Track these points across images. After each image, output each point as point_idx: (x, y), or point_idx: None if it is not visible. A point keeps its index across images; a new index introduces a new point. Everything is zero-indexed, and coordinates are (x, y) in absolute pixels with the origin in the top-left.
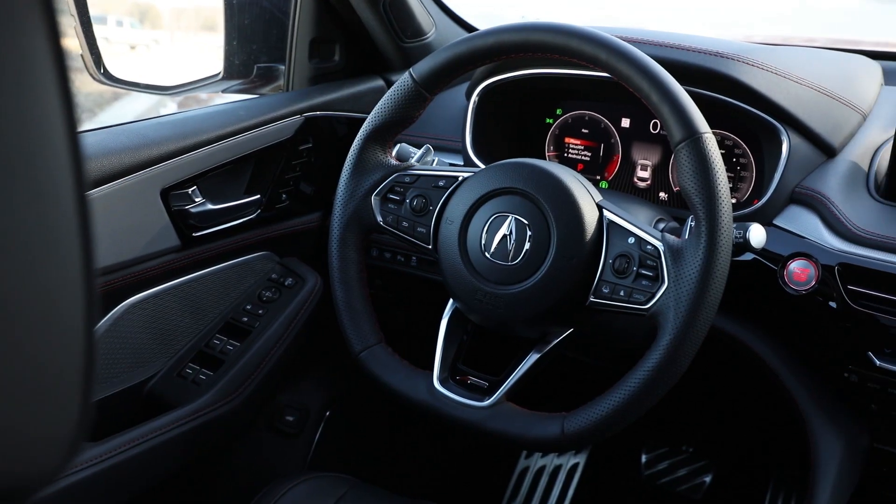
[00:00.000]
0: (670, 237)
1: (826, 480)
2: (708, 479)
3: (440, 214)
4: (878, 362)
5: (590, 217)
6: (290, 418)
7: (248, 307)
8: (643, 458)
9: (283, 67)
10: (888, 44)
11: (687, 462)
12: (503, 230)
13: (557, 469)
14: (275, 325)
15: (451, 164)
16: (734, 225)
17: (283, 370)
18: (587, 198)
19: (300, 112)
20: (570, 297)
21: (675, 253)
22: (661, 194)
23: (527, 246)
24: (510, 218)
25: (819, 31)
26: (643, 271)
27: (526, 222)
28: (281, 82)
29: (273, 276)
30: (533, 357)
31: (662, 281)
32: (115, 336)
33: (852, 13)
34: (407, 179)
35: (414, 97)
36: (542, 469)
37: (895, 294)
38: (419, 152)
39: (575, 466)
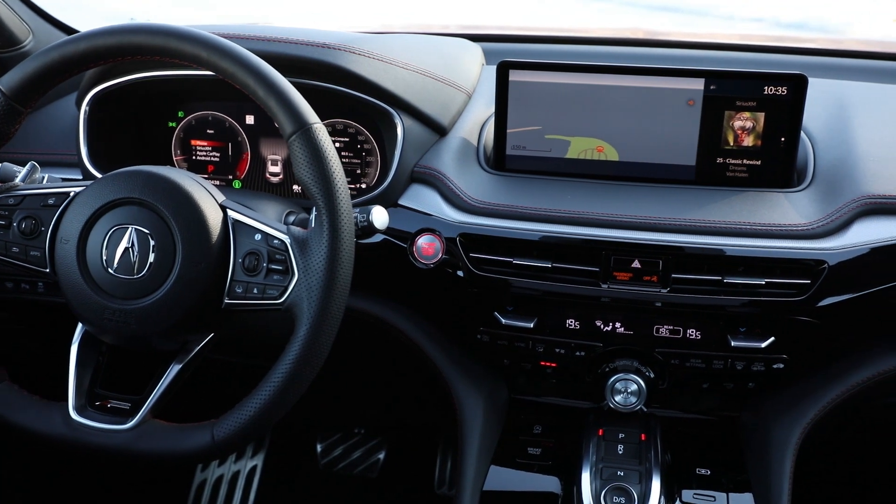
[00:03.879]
0: (296, 229)
1: (473, 434)
2: (382, 455)
3: (54, 234)
4: (503, 320)
5: (213, 219)
6: None
7: None
8: (318, 448)
9: None
10: (500, 27)
11: (360, 443)
12: (124, 243)
13: (236, 475)
14: None
15: (66, 180)
16: (358, 209)
17: None
18: (209, 200)
19: None
20: (204, 302)
21: (301, 244)
22: (295, 187)
23: (151, 257)
24: (130, 229)
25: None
26: (273, 266)
27: (148, 232)
28: None
29: None
30: (175, 368)
31: (293, 273)
32: None
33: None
34: (11, 202)
35: (5, 112)
36: (220, 478)
37: (509, 256)
38: (24, 170)
39: (254, 469)
